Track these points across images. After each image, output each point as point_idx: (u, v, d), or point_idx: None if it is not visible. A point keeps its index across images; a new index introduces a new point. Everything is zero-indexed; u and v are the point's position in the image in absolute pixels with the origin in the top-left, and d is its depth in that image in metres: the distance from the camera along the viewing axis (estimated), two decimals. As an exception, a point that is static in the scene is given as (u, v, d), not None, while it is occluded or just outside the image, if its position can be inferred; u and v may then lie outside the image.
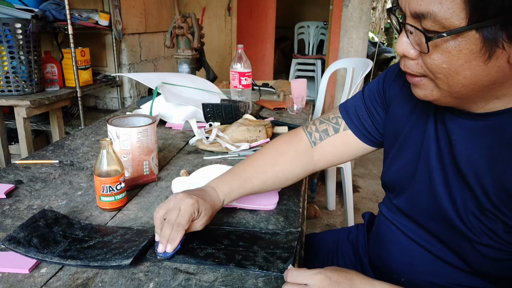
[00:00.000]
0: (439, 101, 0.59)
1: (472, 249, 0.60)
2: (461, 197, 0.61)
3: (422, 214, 0.69)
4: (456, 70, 0.53)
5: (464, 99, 0.57)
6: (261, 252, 0.68)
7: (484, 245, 0.58)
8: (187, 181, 0.92)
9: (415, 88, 0.61)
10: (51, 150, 1.17)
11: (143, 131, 0.93)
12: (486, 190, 0.57)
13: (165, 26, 3.36)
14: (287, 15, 6.30)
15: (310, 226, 2.32)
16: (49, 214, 0.77)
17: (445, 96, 0.57)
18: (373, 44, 4.85)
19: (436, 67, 0.54)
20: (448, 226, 0.63)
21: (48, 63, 2.16)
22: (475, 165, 0.59)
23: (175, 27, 1.95)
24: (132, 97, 2.87)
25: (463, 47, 0.51)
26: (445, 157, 0.63)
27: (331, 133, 0.82)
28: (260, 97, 1.92)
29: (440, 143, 0.65)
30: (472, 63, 0.52)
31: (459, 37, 0.50)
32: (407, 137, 0.71)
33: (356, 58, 2.49)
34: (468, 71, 0.52)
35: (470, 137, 0.60)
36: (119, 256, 0.65)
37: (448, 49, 0.52)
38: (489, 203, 0.57)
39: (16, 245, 0.67)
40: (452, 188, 0.62)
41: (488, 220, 0.57)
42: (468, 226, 0.60)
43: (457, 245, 0.64)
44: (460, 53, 0.51)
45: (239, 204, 0.85)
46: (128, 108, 1.72)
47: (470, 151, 0.60)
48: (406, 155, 0.71)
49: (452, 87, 0.55)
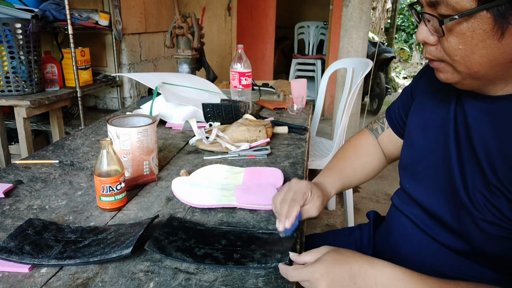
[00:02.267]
0: (461, 84, 0.63)
1: (475, 227, 0.63)
2: (471, 174, 0.64)
3: (431, 195, 0.72)
4: (472, 50, 0.56)
5: (484, 80, 0.60)
6: (259, 250, 0.69)
7: (487, 221, 0.61)
8: (187, 181, 0.92)
9: (438, 72, 0.65)
10: (51, 150, 1.17)
11: (143, 131, 0.93)
12: (494, 167, 0.60)
13: (165, 26, 3.36)
14: (287, 15, 6.31)
15: (310, 226, 2.32)
16: (36, 222, 0.74)
17: (465, 77, 0.61)
18: (373, 44, 4.84)
19: (453, 49, 0.58)
20: (455, 204, 0.66)
21: (48, 63, 2.17)
22: (487, 144, 0.62)
23: (175, 27, 1.95)
24: (132, 97, 2.87)
25: (476, 27, 0.54)
26: (461, 138, 0.67)
27: (380, 132, 0.96)
28: (260, 97, 1.92)
29: (458, 124, 0.68)
30: (486, 42, 0.55)
31: (471, 19, 0.54)
32: (427, 122, 0.76)
33: (356, 58, 2.49)
34: (484, 50, 0.56)
35: (485, 119, 0.64)
36: (118, 248, 0.65)
37: (462, 30, 0.56)
38: (495, 179, 0.60)
39: (8, 254, 0.64)
40: (464, 166, 0.65)
41: (493, 196, 0.60)
42: (474, 203, 0.62)
43: (461, 225, 0.66)
44: (474, 33, 0.55)
45: (239, 204, 0.85)
46: (128, 108, 1.72)
47: (484, 131, 0.63)
48: (426, 138, 0.76)
49: (470, 68, 0.58)
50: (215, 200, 0.85)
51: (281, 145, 1.26)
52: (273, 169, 0.97)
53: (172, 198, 0.89)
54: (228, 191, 0.89)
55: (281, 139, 1.32)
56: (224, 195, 0.87)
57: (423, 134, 0.76)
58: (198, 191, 0.88)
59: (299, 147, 1.24)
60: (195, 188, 0.89)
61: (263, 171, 0.96)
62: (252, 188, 0.89)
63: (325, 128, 4.13)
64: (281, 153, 1.19)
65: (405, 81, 8.32)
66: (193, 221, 0.79)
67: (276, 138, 1.32)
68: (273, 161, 1.12)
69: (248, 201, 0.85)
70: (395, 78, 7.88)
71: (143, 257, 0.67)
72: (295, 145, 1.26)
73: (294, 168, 1.06)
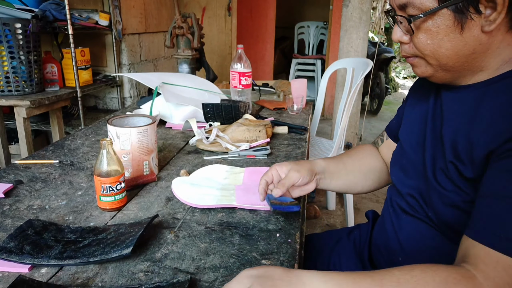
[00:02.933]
0: (435, 77, 0.70)
1: (439, 199, 0.69)
2: (437, 154, 0.72)
3: (411, 181, 0.79)
4: (439, 44, 0.64)
5: (454, 72, 0.68)
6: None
7: (448, 190, 0.68)
8: (187, 180, 0.92)
9: (414, 68, 0.72)
10: (51, 150, 1.17)
11: (143, 131, 0.93)
12: (456, 146, 0.67)
13: (165, 26, 3.36)
14: (287, 15, 6.31)
15: (310, 226, 2.32)
16: (36, 223, 0.74)
17: (437, 70, 0.68)
18: (373, 44, 4.84)
19: (423, 44, 0.66)
20: (426, 183, 0.73)
21: (48, 63, 2.16)
22: (454, 126, 0.69)
23: (175, 27, 1.95)
24: (132, 97, 2.87)
25: (440, 23, 0.63)
26: (435, 125, 0.74)
27: (380, 143, 1.00)
28: (260, 97, 1.92)
29: (435, 113, 0.76)
30: (450, 36, 0.63)
31: (434, 16, 0.62)
32: (412, 118, 0.83)
33: (356, 58, 2.49)
34: (449, 43, 0.64)
35: (455, 105, 0.71)
36: (118, 248, 0.65)
37: (428, 27, 0.64)
38: (453, 155, 0.67)
39: (8, 254, 0.64)
40: (433, 148, 0.73)
41: (448, 171, 0.68)
42: (437, 179, 0.70)
43: (429, 199, 0.72)
44: (439, 29, 0.63)
45: (239, 204, 0.85)
46: (128, 108, 1.72)
47: (454, 116, 0.70)
48: (409, 133, 0.82)
49: (439, 60, 0.66)
50: (215, 200, 0.85)
51: (281, 145, 1.26)
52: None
53: (172, 198, 0.89)
54: (228, 191, 0.89)
55: (281, 139, 1.32)
56: (224, 195, 0.87)
57: (409, 130, 0.83)
58: (198, 191, 0.88)
59: (299, 147, 1.24)
60: (195, 188, 0.89)
61: (263, 171, 0.96)
62: (252, 188, 0.89)
63: (325, 128, 4.13)
64: (281, 153, 1.19)
65: (405, 81, 8.32)
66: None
67: (276, 138, 1.32)
68: (273, 161, 1.12)
69: (248, 201, 0.85)
70: (395, 78, 7.88)
71: (143, 257, 0.67)
72: (295, 145, 1.26)
73: (294, 168, 1.06)
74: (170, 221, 0.80)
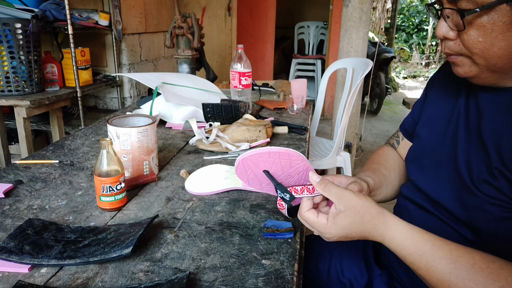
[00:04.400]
0: (478, 77, 0.65)
1: (480, 210, 0.65)
2: (477, 160, 0.66)
3: (437, 185, 0.74)
4: (492, 42, 0.58)
5: (501, 73, 0.62)
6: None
7: (491, 203, 0.63)
8: (194, 177, 0.95)
9: (456, 67, 0.67)
10: (51, 150, 1.17)
11: (143, 131, 0.93)
12: (500, 152, 0.62)
13: (165, 26, 3.36)
14: (287, 15, 6.31)
15: (310, 226, 2.32)
16: (36, 222, 0.74)
17: (483, 71, 0.63)
18: (373, 44, 4.85)
19: (473, 42, 0.60)
20: (460, 191, 0.68)
21: (48, 63, 2.16)
22: (497, 131, 0.64)
23: (175, 27, 1.95)
24: (132, 97, 2.87)
25: (496, 19, 0.56)
26: (471, 127, 0.69)
27: (396, 146, 0.96)
28: (260, 97, 1.92)
29: (469, 115, 0.70)
30: (506, 34, 0.57)
31: (491, 11, 0.56)
32: (435, 116, 0.79)
33: (356, 58, 2.49)
34: (503, 42, 0.58)
35: (497, 108, 0.66)
36: (118, 248, 0.65)
37: (483, 23, 0.58)
38: (499, 162, 0.62)
39: (8, 254, 0.64)
40: (470, 153, 0.68)
41: (494, 179, 0.63)
42: (478, 187, 0.65)
43: (467, 211, 0.67)
44: (494, 26, 0.57)
45: (245, 186, 0.91)
46: (128, 108, 1.72)
47: (496, 120, 0.65)
48: (432, 132, 0.78)
49: (488, 60, 0.60)
50: (222, 186, 0.91)
51: (281, 145, 1.26)
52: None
53: (172, 198, 0.89)
54: (233, 180, 0.94)
55: (281, 139, 1.32)
56: (230, 181, 0.93)
57: (431, 128, 0.79)
58: (205, 181, 0.94)
59: (299, 147, 1.24)
60: (203, 180, 0.94)
61: None
62: (258, 176, 0.91)
63: (325, 128, 4.13)
64: (281, 153, 1.19)
65: (405, 81, 8.32)
66: None
67: (276, 138, 1.32)
68: (273, 161, 1.12)
69: (255, 185, 0.89)
70: (395, 78, 7.88)
71: (143, 257, 0.67)
72: (295, 145, 1.26)
73: (294, 168, 1.06)
74: (170, 221, 0.80)
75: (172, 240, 0.73)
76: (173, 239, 0.73)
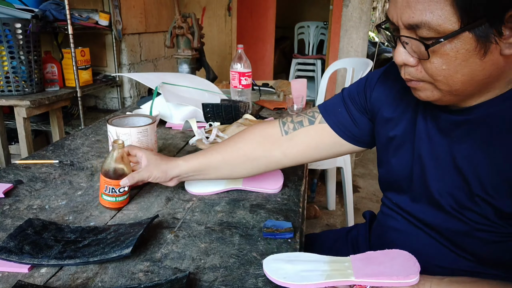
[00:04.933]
0: (441, 101, 0.63)
1: (468, 237, 0.64)
2: (455, 189, 0.64)
3: (421, 208, 0.72)
4: (455, 70, 0.57)
5: (463, 96, 0.61)
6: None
7: (478, 229, 0.62)
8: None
9: (416, 91, 0.64)
10: (51, 150, 1.17)
11: (143, 131, 0.93)
12: (480, 179, 0.61)
13: (165, 26, 3.36)
14: (287, 15, 6.30)
15: (310, 226, 2.32)
16: (36, 222, 0.74)
17: (446, 95, 0.61)
18: (373, 44, 4.85)
19: (436, 70, 0.58)
20: (444, 216, 0.67)
21: (48, 63, 2.16)
22: (473, 157, 0.62)
23: (175, 27, 1.95)
24: (132, 97, 2.87)
25: (460, 47, 0.54)
26: (438, 154, 0.67)
27: (306, 124, 0.83)
28: (260, 97, 1.92)
29: (432, 139, 0.68)
30: (469, 61, 0.55)
31: (454, 39, 0.54)
32: (401, 137, 0.74)
33: (356, 58, 2.49)
34: (466, 69, 0.56)
35: (464, 131, 0.63)
36: (118, 248, 0.65)
37: (446, 51, 0.55)
38: (480, 189, 0.61)
39: (8, 254, 0.64)
40: (446, 181, 0.66)
41: (477, 207, 0.62)
42: (461, 216, 0.64)
43: (455, 235, 0.67)
44: (458, 54, 0.55)
45: (245, 187, 0.91)
46: (128, 108, 1.72)
47: (468, 145, 0.63)
48: (400, 157, 0.74)
49: (452, 86, 0.58)
50: (222, 186, 0.91)
51: (281, 145, 1.26)
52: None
53: (172, 198, 0.89)
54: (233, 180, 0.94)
55: (281, 139, 1.31)
56: (230, 180, 0.94)
57: (396, 151, 0.75)
58: (205, 181, 0.94)
59: (299, 147, 1.24)
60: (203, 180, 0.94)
61: None
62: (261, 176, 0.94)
63: (325, 128, 4.12)
64: (281, 153, 1.18)
65: (405, 81, 8.30)
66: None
67: (276, 138, 1.32)
68: (273, 161, 1.12)
69: (253, 184, 0.90)
70: (395, 78, 7.87)
71: (143, 257, 0.67)
72: (295, 145, 1.26)
73: (294, 168, 1.06)
74: (170, 221, 0.80)
75: (172, 240, 0.73)
76: (173, 239, 0.73)
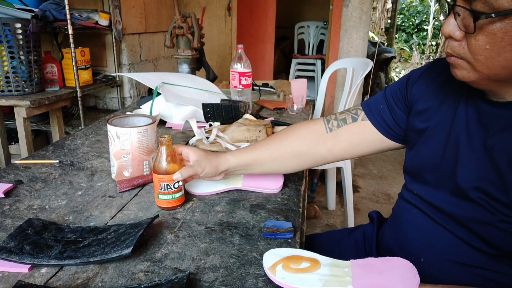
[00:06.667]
0: (476, 83, 0.62)
1: (492, 226, 0.62)
2: (486, 179, 0.62)
3: (445, 200, 0.70)
4: (498, 52, 0.55)
5: (501, 82, 0.59)
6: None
7: (505, 222, 0.60)
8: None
9: (454, 69, 0.63)
10: (51, 150, 1.17)
11: (143, 131, 0.93)
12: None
13: (165, 26, 3.36)
14: (287, 15, 6.30)
15: (310, 226, 2.32)
16: (36, 222, 0.74)
17: (483, 78, 0.59)
18: (373, 44, 4.85)
19: (479, 48, 0.56)
20: (470, 208, 0.65)
21: (48, 63, 2.16)
22: (509, 148, 0.60)
23: (175, 27, 1.95)
24: (132, 97, 2.87)
25: (509, 29, 0.53)
26: (475, 145, 0.65)
27: (349, 122, 0.85)
28: (260, 97, 1.92)
29: (470, 130, 0.66)
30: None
31: (506, 19, 0.52)
32: (434, 128, 0.73)
33: (356, 58, 2.49)
34: (510, 53, 0.54)
35: (506, 128, 0.62)
36: (118, 248, 0.65)
37: (494, 30, 0.54)
38: None
39: (8, 254, 0.64)
40: (478, 171, 0.64)
41: (510, 201, 0.59)
42: (493, 206, 0.61)
43: (478, 225, 0.65)
44: (505, 35, 0.53)
45: (245, 186, 0.91)
46: (128, 108, 1.72)
47: (507, 140, 0.61)
48: (431, 145, 0.73)
49: (491, 69, 0.57)
50: (222, 186, 0.92)
51: (281, 145, 1.26)
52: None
53: (172, 198, 0.89)
54: (235, 179, 0.95)
55: (281, 139, 1.31)
56: (230, 181, 0.94)
57: (427, 140, 0.74)
58: (205, 181, 0.93)
59: (299, 147, 1.24)
60: (203, 180, 0.93)
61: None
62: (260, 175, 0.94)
63: (325, 128, 4.12)
64: (281, 153, 1.18)
65: (405, 81, 8.30)
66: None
67: (276, 138, 1.32)
68: (273, 161, 1.12)
69: (253, 183, 0.90)
70: (395, 78, 7.88)
71: (143, 257, 0.67)
72: (295, 145, 1.26)
73: (294, 168, 1.06)
74: (170, 221, 0.80)
75: (172, 240, 0.73)
76: (173, 239, 0.73)
